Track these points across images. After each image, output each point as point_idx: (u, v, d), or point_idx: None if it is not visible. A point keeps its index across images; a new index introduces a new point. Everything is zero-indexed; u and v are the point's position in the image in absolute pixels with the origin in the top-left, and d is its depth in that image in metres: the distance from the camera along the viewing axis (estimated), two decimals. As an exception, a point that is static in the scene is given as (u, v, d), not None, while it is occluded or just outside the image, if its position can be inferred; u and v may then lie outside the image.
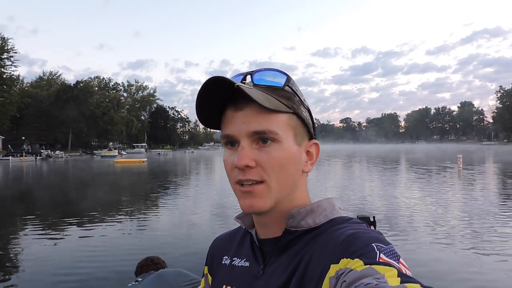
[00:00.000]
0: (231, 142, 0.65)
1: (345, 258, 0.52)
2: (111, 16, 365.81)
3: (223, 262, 0.77)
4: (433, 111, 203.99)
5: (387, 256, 0.50)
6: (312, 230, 0.65)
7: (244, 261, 0.72)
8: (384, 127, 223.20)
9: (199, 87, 0.62)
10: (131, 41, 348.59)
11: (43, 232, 8.45)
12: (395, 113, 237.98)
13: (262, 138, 0.62)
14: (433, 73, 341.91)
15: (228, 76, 0.63)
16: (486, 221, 8.38)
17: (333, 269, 0.53)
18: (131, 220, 9.62)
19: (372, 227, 3.38)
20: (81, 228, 8.63)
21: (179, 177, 24.20)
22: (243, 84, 0.60)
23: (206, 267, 0.83)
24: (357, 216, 3.46)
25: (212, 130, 0.77)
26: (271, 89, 0.64)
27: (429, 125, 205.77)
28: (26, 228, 8.93)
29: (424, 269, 5.37)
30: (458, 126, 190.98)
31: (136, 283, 2.29)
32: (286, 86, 0.65)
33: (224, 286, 0.73)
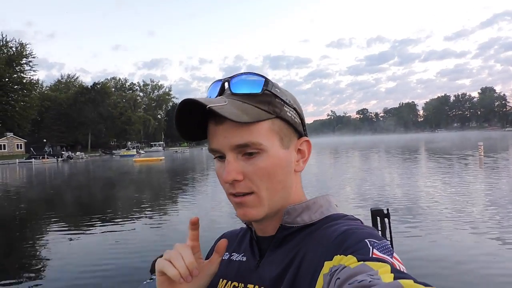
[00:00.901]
0: (219, 156, 0.64)
1: (338, 255, 0.52)
2: (126, 17, 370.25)
3: (223, 258, 0.76)
4: (452, 98, 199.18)
5: (380, 252, 0.50)
6: (308, 227, 0.66)
7: (242, 256, 0.74)
8: (402, 116, 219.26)
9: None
10: (146, 41, 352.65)
11: (68, 230, 8.67)
12: (413, 102, 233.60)
13: (245, 151, 0.62)
14: (452, 60, 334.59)
15: (243, 70, 0.68)
16: (510, 210, 8.15)
17: (327, 266, 0.53)
18: (150, 218, 9.75)
19: (386, 220, 3.27)
20: (104, 226, 8.79)
21: (197, 174, 24.39)
22: (214, 103, 0.58)
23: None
24: (371, 209, 3.35)
25: None
26: (249, 97, 0.63)
27: (449, 113, 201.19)
28: (53, 227, 9.19)
29: (446, 259, 5.27)
30: (479, 113, 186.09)
31: (151, 281, 2.30)
32: (265, 91, 0.63)
33: (220, 280, 0.73)
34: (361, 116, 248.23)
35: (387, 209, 3.37)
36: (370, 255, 0.49)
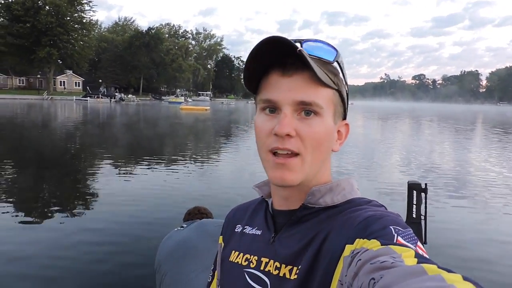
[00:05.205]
0: (270, 108, 0.62)
1: (361, 239, 0.52)
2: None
3: (235, 231, 0.79)
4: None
5: (404, 239, 0.50)
6: (329, 209, 0.65)
7: (256, 229, 0.73)
8: (463, 85, 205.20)
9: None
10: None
11: (116, 168, 9.20)
12: (476, 70, 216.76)
13: (306, 109, 0.60)
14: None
15: (298, 24, 0.65)
16: None
17: (348, 249, 0.53)
18: (192, 168, 10.05)
19: (423, 194, 3.19)
20: (148, 170, 9.19)
21: (241, 125, 24.65)
22: (304, 51, 0.57)
23: (221, 237, 0.84)
24: (408, 182, 3.28)
25: None
26: (321, 62, 0.62)
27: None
28: (102, 163, 9.83)
29: (494, 243, 5.00)
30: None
31: (181, 228, 2.38)
32: (335, 62, 0.64)
33: (233, 252, 0.74)
34: (417, 81, 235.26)
35: (425, 184, 3.21)
36: (394, 241, 0.49)
